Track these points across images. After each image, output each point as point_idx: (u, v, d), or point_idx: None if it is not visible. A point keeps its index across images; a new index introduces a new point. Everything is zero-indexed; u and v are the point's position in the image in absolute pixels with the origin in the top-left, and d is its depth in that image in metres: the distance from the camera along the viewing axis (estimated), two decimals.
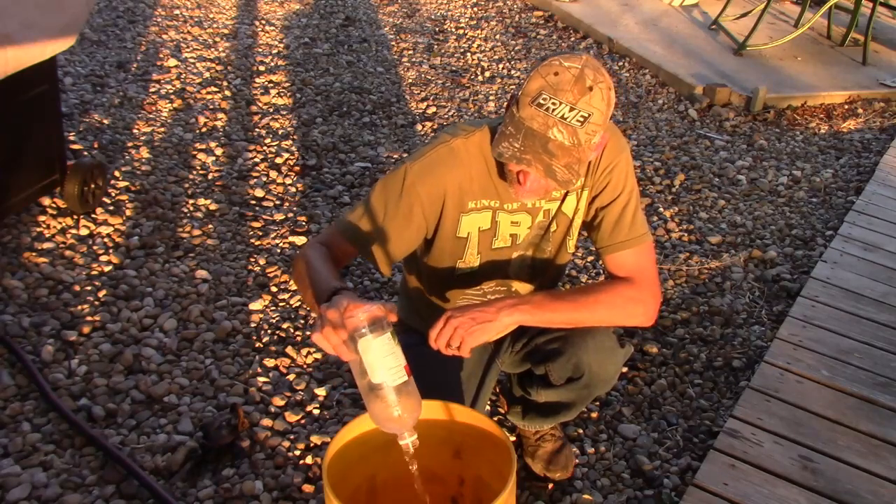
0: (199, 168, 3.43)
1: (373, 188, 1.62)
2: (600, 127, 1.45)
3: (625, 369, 2.46)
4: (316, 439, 2.11)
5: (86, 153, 3.39)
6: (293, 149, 3.69)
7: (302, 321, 2.57)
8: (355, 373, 1.31)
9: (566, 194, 1.67)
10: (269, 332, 2.51)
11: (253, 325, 2.53)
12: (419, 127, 4.08)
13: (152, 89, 4.11)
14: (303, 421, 2.18)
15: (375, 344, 1.24)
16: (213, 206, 3.15)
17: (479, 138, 1.60)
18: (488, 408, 2.26)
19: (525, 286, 1.80)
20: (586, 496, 2.01)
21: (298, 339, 2.49)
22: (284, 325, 2.54)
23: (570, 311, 1.57)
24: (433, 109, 4.28)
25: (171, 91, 4.11)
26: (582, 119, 1.41)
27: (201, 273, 2.74)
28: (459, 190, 1.61)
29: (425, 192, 1.58)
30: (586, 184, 1.66)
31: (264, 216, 3.14)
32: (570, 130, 1.42)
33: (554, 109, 1.41)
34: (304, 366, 2.39)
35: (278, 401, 2.23)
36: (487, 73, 4.85)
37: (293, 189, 3.36)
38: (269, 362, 2.38)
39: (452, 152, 1.59)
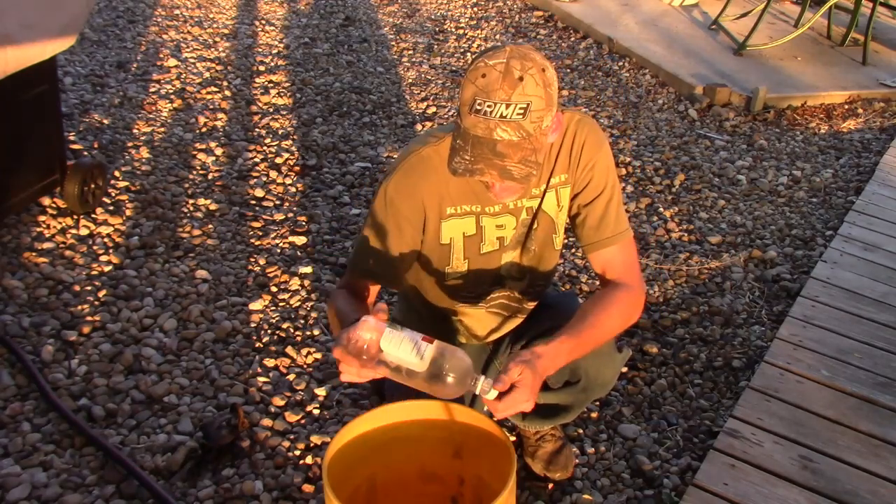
0: (199, 168, 3.43)
1: (366, 217, 1.65)
2: (544, 111, 1.43)
3: (625, 369, 2.46)
4: (316, 439, 2.11)
5: (86, 153, 3.39)
6: (293, 149, 3.69)
7: (302, 321, 2.57)
8: (398, 380, 1.33)
9: (545, 192, 1.66)
10: (269, 332, 2.51)
11: (253, 325, 2.53)
12: (419, 127, 4.08)
13: (152, 89, 4.11)
14: (303, 421, 2.18)
15: (384, 345, 1.29)
16: (213, 206, 3.15)
17: (449, 143, 1.56)
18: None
19: (516, 285, 1.79)
20: (586, 496, 2.01)
21: (298, 339, 2.49)
22: (284, 325, 2.54)
23: (588, 346, 1.57)
24: (433, 109, 4.28)
25: (171, 91, 4.11)
26: (522, 111, 1.40)
27: (201, 273, 2.74)
28: (437, 197, 1.62)
29: (404, 204, 1.59)
30: (567, 181, 1.66)
31: (264, 216, 3.14)
32: (514, 126, 1.40)
33: (491, 111, 1.39)
34: (304, 366, 2.39)
35: (278, 401, 2.23)
36: None
37: (293, 189, 3.36)
38: (269, 362, 2.38)
39: (423, 161, 1.59)
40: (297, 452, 2.07)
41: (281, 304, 2.65)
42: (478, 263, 1.71)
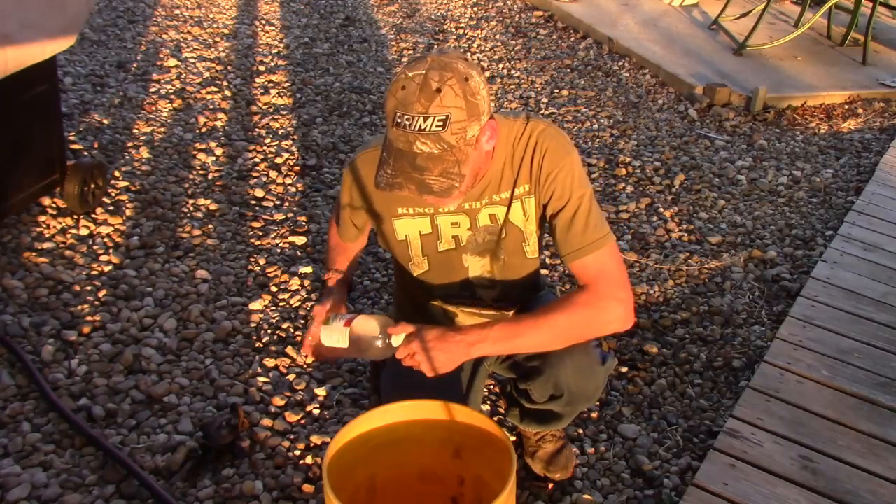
0: (199, 168, 3.43)
1: None
2: (466, 121, 1.41)
3: (624, 369, 2.47)
4: (316, 439, 2.11)
5: (86, 153, 3.39)
6: (293, 149, 3.69)
7: (302, 321, 2.57)
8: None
9: (511, 202, 1.64)
10: (269, 332, 2.51)
11: (253, 325, 2.53)
12: None
13: (152, 89, 4.11)
14: (303, 421, 2.18)
15: (326, 333, 1.61)
16: (213, 206, 3.15)
17: None
18: (488, 407, 2.26)
19: (488, 293, 1.79)
20: (586, 496, 2.01)
21: (298, 339, 2.49)
22: (284, 325, 2.54)
23: (533, 336, 1.54)
24: None
25: (171, 91, 4.11)
26: (441, 123, 1.39)
27: (201, 273, 2.74)
28: (384, 196, 1.63)
29: (354, 182, 1.72)
30: (529, 191, 1.63)
31: (264, 216, 3.14)
32: (434, 138, 1.40)
33: (410, 125, 1.39)
34: (304, 366, 2.39)
35: (278, 401, 2.23)
36: (487, 73, 4.85)
37: (293, 189, 3.36)
38: (269, 362, 2.38)
39: (373, 160, 1.59)
40: (297, 452, 2.07)
41: (281, 304, 2.65)
42: (438, 262, 1.72)
